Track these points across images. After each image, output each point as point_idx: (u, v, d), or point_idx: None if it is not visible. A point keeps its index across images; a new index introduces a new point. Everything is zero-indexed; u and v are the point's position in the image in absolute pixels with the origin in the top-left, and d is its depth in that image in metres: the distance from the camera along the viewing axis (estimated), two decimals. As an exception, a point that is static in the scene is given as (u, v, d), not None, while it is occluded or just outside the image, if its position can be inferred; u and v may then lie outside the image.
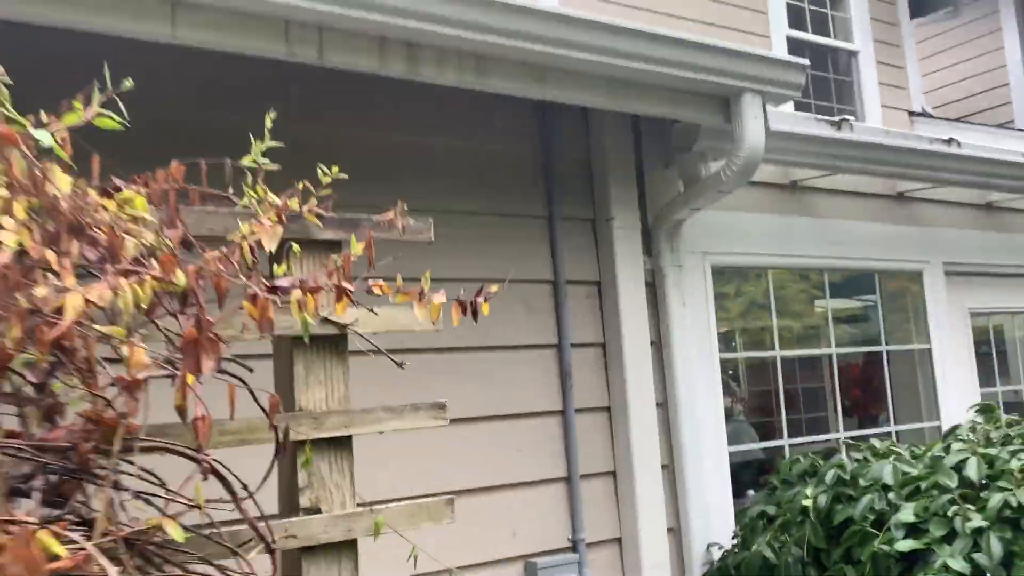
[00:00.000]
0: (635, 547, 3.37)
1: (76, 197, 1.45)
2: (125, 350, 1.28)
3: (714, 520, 3.55)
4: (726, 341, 4.15)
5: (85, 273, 1.38)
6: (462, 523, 2.94)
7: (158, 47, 2.31)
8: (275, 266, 1.71)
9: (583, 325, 3.48)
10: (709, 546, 3.49)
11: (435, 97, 3.01)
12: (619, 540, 3.42)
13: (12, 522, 1.06)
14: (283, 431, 1.68)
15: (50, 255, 1.32)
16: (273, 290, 1.63)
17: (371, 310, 1.82)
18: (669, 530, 3.50)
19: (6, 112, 1.43)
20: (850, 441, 3.84)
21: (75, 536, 1.12)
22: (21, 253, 1.29)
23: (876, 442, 3.11)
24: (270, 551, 1.54)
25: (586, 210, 3.57)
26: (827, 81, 6.05)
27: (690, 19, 5.15)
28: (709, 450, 3.67)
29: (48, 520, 1.18)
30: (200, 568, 1.44)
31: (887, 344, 4.62)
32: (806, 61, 3.36)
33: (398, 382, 2.27)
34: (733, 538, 3.38)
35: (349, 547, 1.85)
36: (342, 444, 1.85)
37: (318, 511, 1.81)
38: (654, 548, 3.38)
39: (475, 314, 1.70)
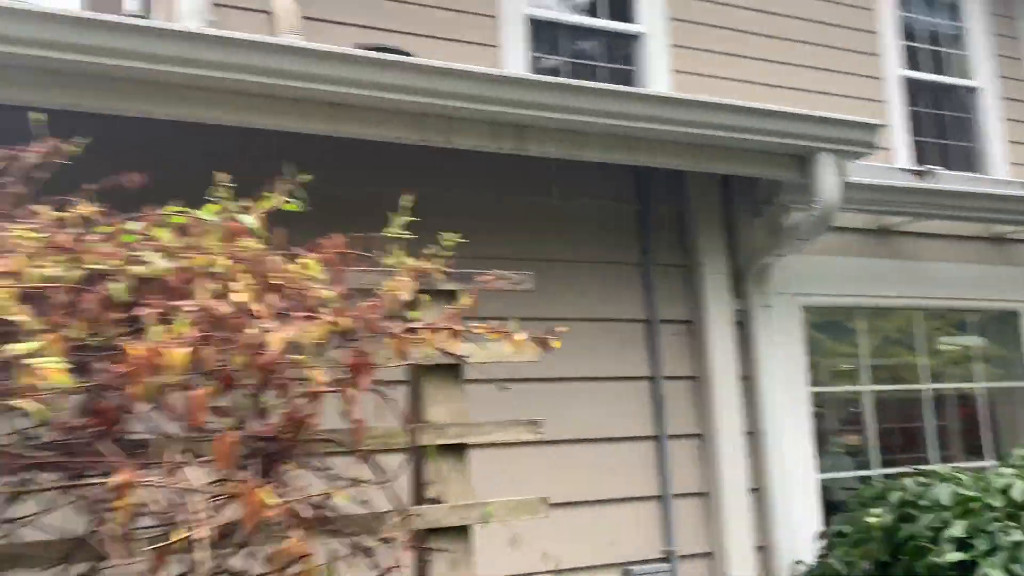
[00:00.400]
0: (724, 561, 3.73)
1: (271, 263, 2.05)
2: (309, 372, 1.85)
3: (801, 540, 3.86)
4: (819, 376, 4.45)
5: (280, 318, 1.97)
6: (566, 531, 3.44)
7: (317, 138, 2.96)
8: (410, 311, 2.27)
9: (676, 360, 3.90)
10: (795, 562, 3.80)
11: (540, 163, 3.55)
12: (709, 555, 3.79)
13: (242, 482, 1.64)
14: (413, 438, 2.23)
15: (257, 306, 1.91)
16: (410, 330, 2.18)
17: (479, 344, 2.34)
18: (758, 547, 3.84)
19: (228, 205, 2.05)
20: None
21: (278, 495, 1.68)
22: (238, 304, 1.89)
23: (940, 468, 3.37)
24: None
25: (679, 257, 4.00)
26: (950, 119, 6.25)
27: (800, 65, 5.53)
28: (797, 476, 3.99)
29: (259, 486, 1.75)
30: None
31: (982, 381, 4.77)
32: (879, 121, 3.70)
33: (512, 405, 2.82)
34: (816, 555, 3.69)
35: (465, 531, 2.36)
36: (459, 450, 2.38)
37: (441, 502, 2.33)
38: (742, 563, 3.73)
39: (545, 348, 2.18)
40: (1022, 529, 2.65)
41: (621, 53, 6.12)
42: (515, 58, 5.43)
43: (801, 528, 3.91)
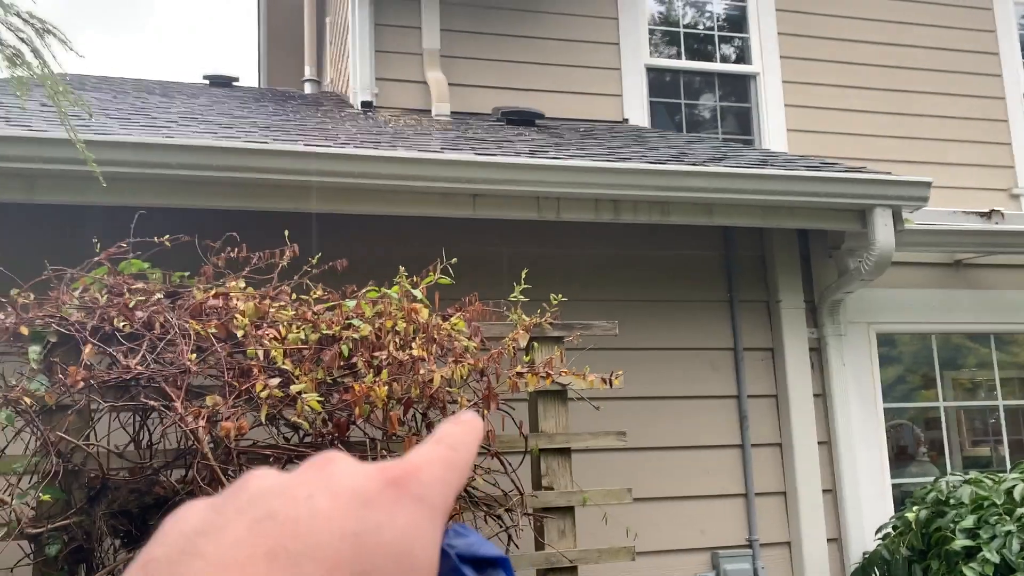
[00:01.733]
0: (799, 549, 4.47)
1: (429, 322, 3.06)
2: (458, 398, 2.85)
3: (869, 534, 4.54)
4: (894, 393, 5.07)
5: (439, 360, 2.97)
6: (663, 521, 4.30)
7: (455, 220, 3.97)
8: (526, 354, 3.24)
9: (758, 381, 4.67)
10: (864, 553, 4.49)
11: (637, 223, 4.44)
12: (787, 544, 4.54)
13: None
14: (531, 443, 3.19)
15: (425, 354, 2.93)
16: (530, 368, 3.14)
17: (582, 375, 3.27)
18: (831, 539, 4.55)
19: (402, 282, 3.08)
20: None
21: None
22: (413, 354, 2.90)
23: (974, 473, 3.97)
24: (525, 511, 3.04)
25: (760, 294, 4.77)
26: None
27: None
28: (869, 479, 4.66)
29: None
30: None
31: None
32: (930, 179, 4.34)
33: (625, 418, 3.76)
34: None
35: (570, 511, 3.30)
36: (564, 452, 3.32)
37: (552, 489, 3.28)
38: (815, 551, 4.46)
39: (611, 385, 3.08)
40: (1013, 522, 3.28)
41: (736, 92, 6.85)
42: (637, 104, 6.28)
43: (872, 524, 4.58)
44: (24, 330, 2.62)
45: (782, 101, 6.60)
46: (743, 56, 6.84)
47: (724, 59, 6.83)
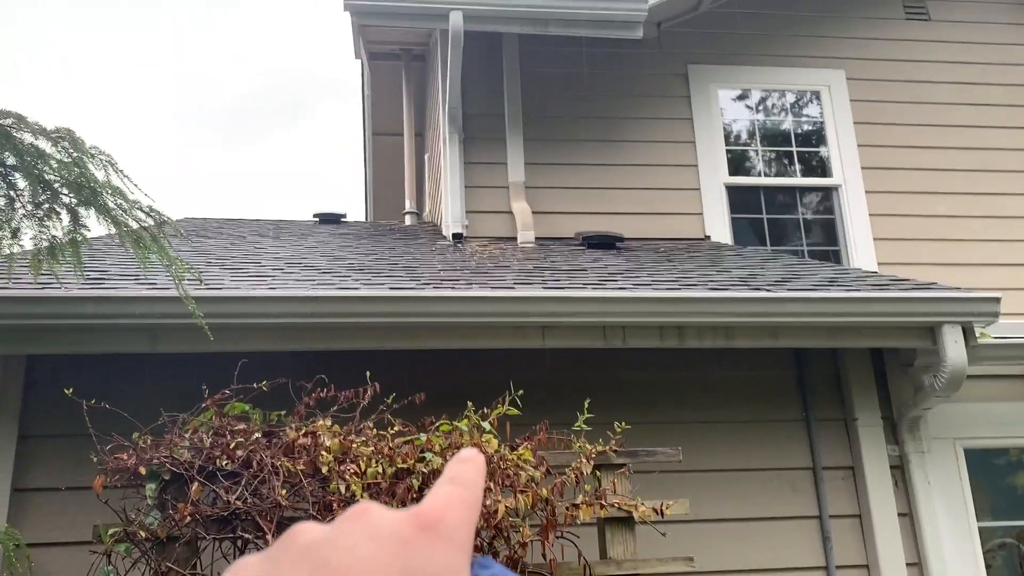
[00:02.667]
0: (893, 678, 4.34)
1: (495, 454, 3.31)
2: (521, 528, 3.06)
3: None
4: (989, 512, 4.92)
5: (504, 489, 3.21)
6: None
7: (522, 351, 4.25)
8: (588, 482, 3.43)
9: (839, 500, 4.66)
10: None
11: (703, 347, 4.60)
12: (880, 671, 4.42)
13: None
14: (597, 571, 3.35)
15: (492, 484, 3.17)
16: (588, 496, 3.34)
17: (653, 506, 3.43)
18: (928, 668, 4.40)
19: (471, 416, 3.36)
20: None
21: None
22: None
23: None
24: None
25: (837, 412, 4.81)
26: None
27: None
28: (966, 604, 4.51)
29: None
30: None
31: None
32: (999, 295, 4.36)
33: (691, 543, 3.85)
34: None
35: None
36: (631, 577, 3.45)
37: (619, 613, 3.40)
38: None
39: (662, 515, 3.22)
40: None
41: (819, 204, 6.98)
42: (719, 221, 6.49)
43: (971, 652, 4.41)
44: (142, 470, 3.03)
45: (866, 211, 6.68)
46: (824, 169, 7.00)
47: (805, 173, 7.01)
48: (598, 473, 3.48)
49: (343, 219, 8.02)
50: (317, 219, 7.91)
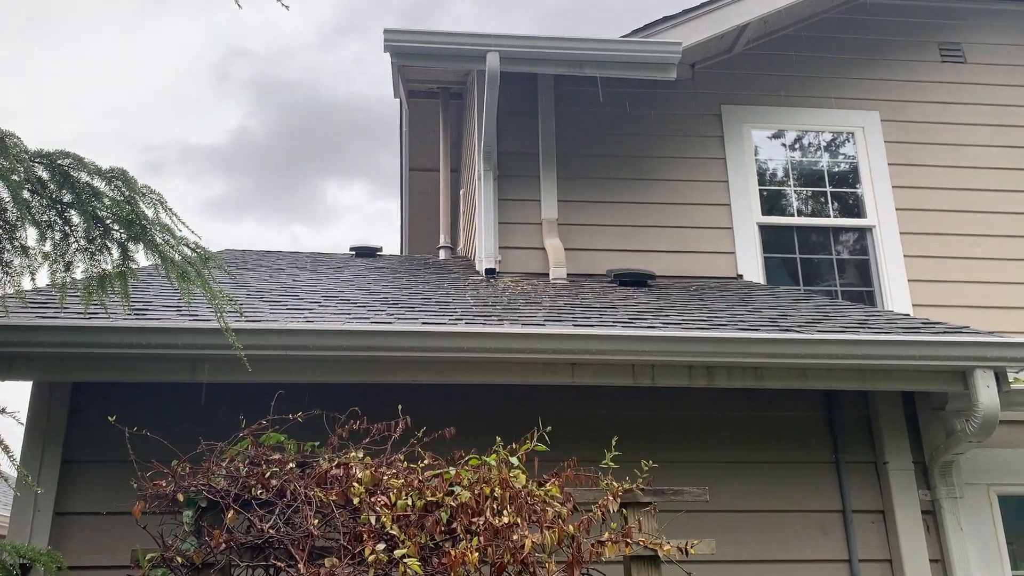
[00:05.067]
0: None
1: (523, 489, 3.35)
2: (547, 564, 3.10)
3: None
4: (1025, 560, 4.84)
5: (531, 524, 3.25)
6: None
7: (551, 387, 4.30)
8: (615, 520, 3.46)
9: (869, 545, 4.62)
10: None
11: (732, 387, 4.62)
12: None
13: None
14: (621, 605, 3.36)
15: (519, 519, 3.22)
16: (613, 534, 3.37)
17: (678, 547, 3.46)
18: None
19: (499, 451, 3.42)
20: None
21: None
22: (508, 520, 3.20)
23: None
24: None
25: (867, 454, 4.78)
26: None
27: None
28: (1000, 654, 4.43)
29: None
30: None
31: None
32: (1030, 340, 4.33)
33: None
34: None
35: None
36: (657, 615, 3.46)
37: (644, 652, 3.41)
38: None
39: (687, 554, 3.24)
40: None
41: (853, 244, 6.98)
42: (751, 261, 6.51)
43: None
44: (180, 496, 3.13)
45: (900, 252, 6.67)
46: (858, 209, 7.00)
47: (838, 213, 7.01)
48: (624, 511, 3.51)
49: (379, 252, 8.16)
50: (353, 252, 8.06)
